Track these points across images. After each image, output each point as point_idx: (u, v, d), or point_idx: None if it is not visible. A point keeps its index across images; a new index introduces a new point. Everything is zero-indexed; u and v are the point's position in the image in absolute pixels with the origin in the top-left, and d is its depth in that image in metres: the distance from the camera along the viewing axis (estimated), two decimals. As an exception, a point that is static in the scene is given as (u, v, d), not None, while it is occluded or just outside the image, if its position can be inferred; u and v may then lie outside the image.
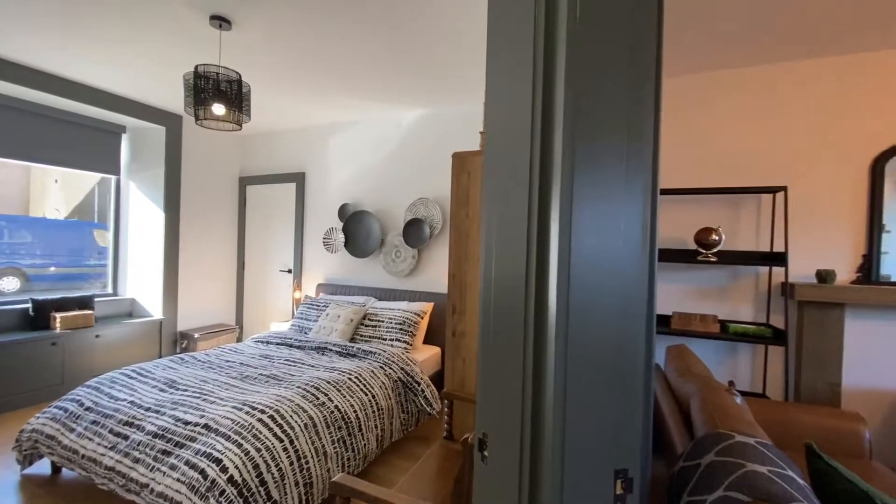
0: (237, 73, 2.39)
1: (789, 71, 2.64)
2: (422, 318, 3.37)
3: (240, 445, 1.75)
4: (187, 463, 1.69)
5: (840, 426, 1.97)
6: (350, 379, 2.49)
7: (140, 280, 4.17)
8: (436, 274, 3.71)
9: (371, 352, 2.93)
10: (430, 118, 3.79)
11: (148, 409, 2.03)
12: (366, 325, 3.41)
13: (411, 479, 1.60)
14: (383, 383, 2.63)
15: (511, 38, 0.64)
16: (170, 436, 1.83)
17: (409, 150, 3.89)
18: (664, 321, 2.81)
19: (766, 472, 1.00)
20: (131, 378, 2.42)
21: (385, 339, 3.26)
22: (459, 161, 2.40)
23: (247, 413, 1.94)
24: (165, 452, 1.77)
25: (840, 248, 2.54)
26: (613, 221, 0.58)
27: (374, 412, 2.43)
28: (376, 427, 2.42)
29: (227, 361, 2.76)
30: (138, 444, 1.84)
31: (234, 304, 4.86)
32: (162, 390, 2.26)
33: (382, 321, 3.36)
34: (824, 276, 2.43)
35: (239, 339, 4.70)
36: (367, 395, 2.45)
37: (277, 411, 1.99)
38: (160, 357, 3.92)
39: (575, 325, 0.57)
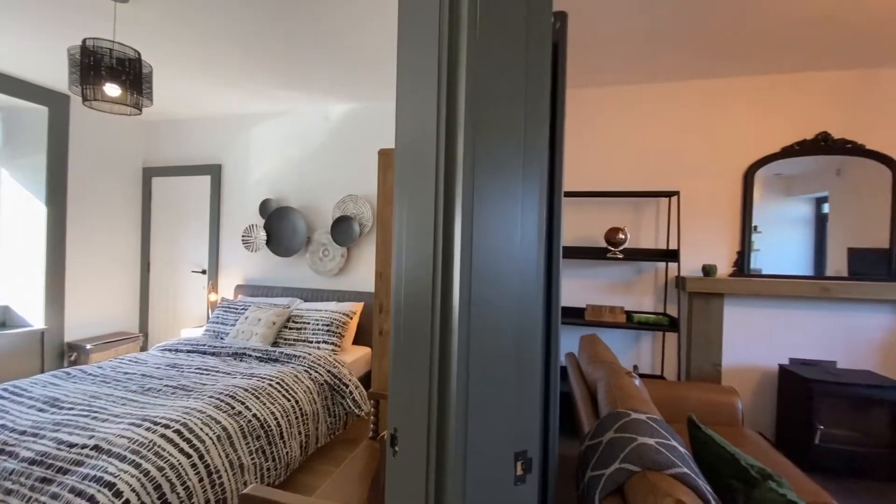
0: (136, 50, 2.14)
1: (681, 90, 2.98)
2: (351, 318, 3.29)
3: (138, 466, 1.58)
4: (72, 490, 1.49)
5: (719, 399, 2.28)
6: (271, 385, 2.36)
7: (15, 284, 3.57)
8: (366, 273, 3.65)
9: (295, 355, 2.80)
10: (360, 113, 3.71)
11: (23, 433, 1.75)
12: (290, 328, 3.25)
13: (334, 483, 1.56)
14: (308, 387, 2.53)
15: (417, 48, 0.66)
16: (51, 461, 1.60)
17: (337, 144, 3.77)
18: (579, 313, 3.04)
19: (654, 444, 1.13)
20: (2, 398, 2.07)
21: (311, 342, 3.13)
22: (386, 158, 2.38)
23: (147, 429, 1.76)
24: (45, 480, 1.54)
25: (721, 245, 2.93)
26: (512, 220, 0.62)
27: (297, 418, 2.33)
28: (300, 433, 2.32)
29: (126, 374, 2.47)
30: (11, 474, 1.58)
31: (137, 309, 4.35)
32: (41, 410, 1.97)
33: (308, 323, 3.23)
34: (708, 270, 2.80)
35: (143, 349, 4.22)
36: (289, 400, 2.34)
37: (185, 425, 1.82)
38: (42, 372, 3.39)
39: (476, 318, 0.60)
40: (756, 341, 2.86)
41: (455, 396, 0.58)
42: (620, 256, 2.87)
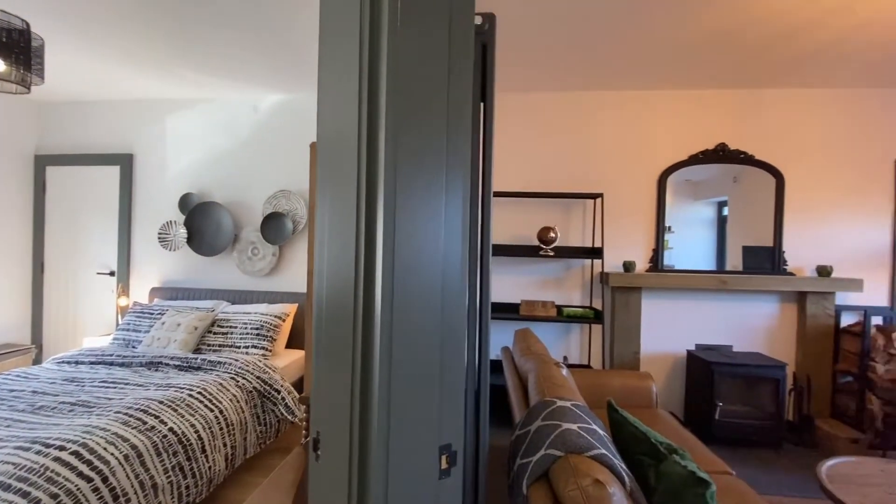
0: (24, 20, 1.86)
1: (606, 99, 3.21)
2: (283, 320, 3.14)
3: (26, 495, 1.38)
4: (-67, 533, 1.26)
5: (637, 384, 2.49)
6: (191, 395, 2.18)
7: None
8: (299, 272, 3.49)
9: (220, 362, 2.61)
10: (293, 104, 3.54)
11: None
12: (215, 333, 3.02)
13: (261, 493, 1.48)
14: (234, 396, 2.37)
15: (339, 39, 0.64)
16: None
17: (268, 137, 3.56)
18: (514, 308, 3.16)
19: (576, 429, 1.21)
20: None
21: (239, 347, 2.94)
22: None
23: (37, 453, 1.54)
24: None
25: (639, 243, 3.20)
26: (436, 217, 0.62)
27: (222, 429, 2.17)
28: (226, 445, 2.17)
29: (12, 391, 2.15)
30: None
31: (28, 316, 3.80)
32: None
33: (236, 327, 3.02)
34: (628, 266, 3.04)
35: (36, 362, 3.69)
36: (213, 410, 2.18)
37: (85, 445, 1.62)
38: None
39: (399, 316, 0.60)
40: (668, 330, 3.17)
41: (377, 395, 0.58)
42: (552, 254, 3.03)
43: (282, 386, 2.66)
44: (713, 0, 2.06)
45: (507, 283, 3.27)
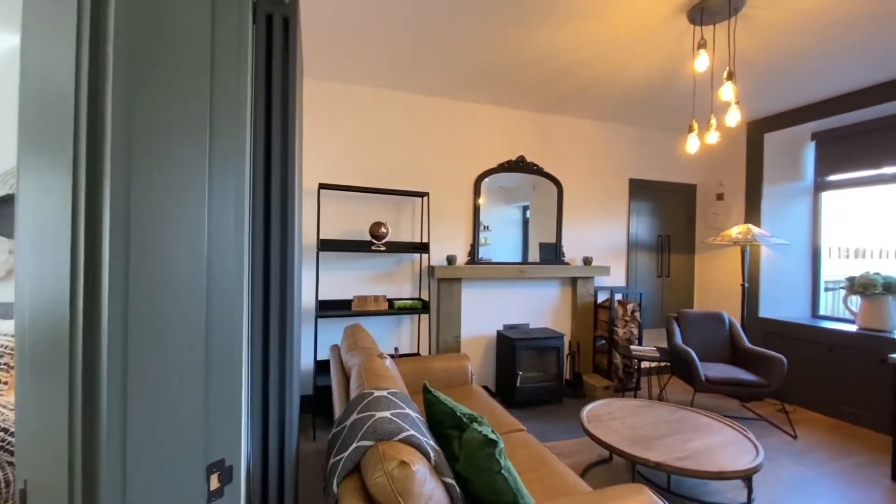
0: None
1: (436, 105, 3.44)
2: (32, 339, 2.36)
3: None
4: None
5: (456, 365, 2.76)
6: None
7: None
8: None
9: None
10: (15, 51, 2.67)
11: None
12: None
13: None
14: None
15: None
16: None
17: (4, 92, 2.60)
18: (347, 305, 3.12)
19: (388, 416, 1.26)
20: None
21: (-52, 382, 2.08)
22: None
23: None
24: None
25: (460, 239, 3.56)
26: (193, 210, 0.54)
27: None
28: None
29: None
30: None
31: None
32: None
33: (-58, 355, 2.13)
34: (451, 260, 3.35)
35: None
36: None
37: None
38: None
39: (138, 328, 0.50)
40: (483, 314, 3.62)
41: (106, 420, 0.47)
42: (383, 249, 3.09)
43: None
44: (513, 29, 2.42)
45: (341, 280, 3.21)
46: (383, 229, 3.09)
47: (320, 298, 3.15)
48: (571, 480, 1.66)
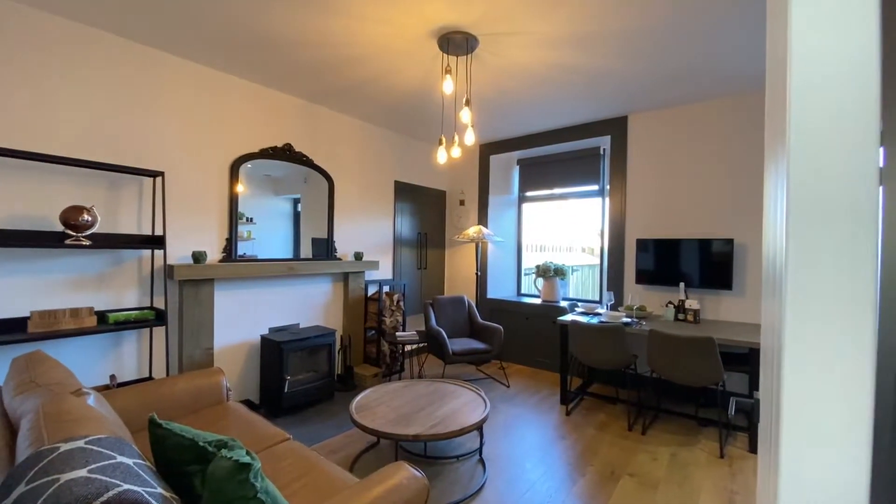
0: None
1: (169, 63, 2.75)
2: None
3: None
4: None
5: (206, 383, 2.32)
6: None
7: None
8: None
9: None
10: None
11: None
12: None
13: None
14: None
15: None
16: None
17: None
18: (20, 325, 2.16)
19: (84, 476, 0.92)
20: None
21: None
22: None
23: None
24: None
25: (211, 232, 3.01)
26: None
27: None
28: None
29: None
30: None
31: None
32: None
33: None
34: (198, 257, 2.79)
35: None
36: None
37: None
38: None
39: None
40: (243, 319, 3.19)
41: None
42: (88, 244, 2.28)
43: None
44: (278, 1, 2.19)
45: (8, 290, 2.18)
46: (86, 216, 2.28)
47: (-39, 320, 2.05)
48: (339, 477, 1.65)
